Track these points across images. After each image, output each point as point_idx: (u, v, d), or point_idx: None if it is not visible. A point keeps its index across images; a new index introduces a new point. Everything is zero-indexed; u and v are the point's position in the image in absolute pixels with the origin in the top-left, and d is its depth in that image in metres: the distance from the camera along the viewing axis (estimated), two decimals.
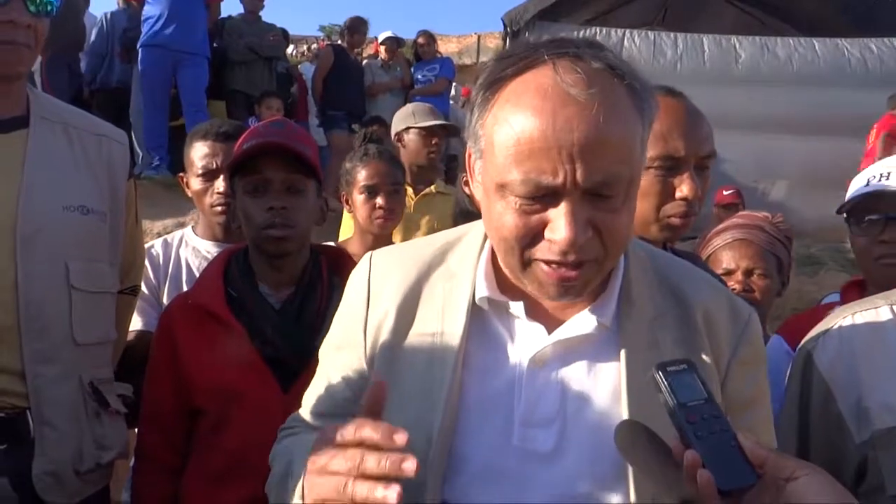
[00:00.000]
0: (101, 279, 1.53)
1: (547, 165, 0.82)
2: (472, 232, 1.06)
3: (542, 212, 0.85)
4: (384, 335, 1.01)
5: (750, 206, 4.87)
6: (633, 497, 0.88)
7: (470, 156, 0.95)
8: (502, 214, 0.87)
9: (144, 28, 5.58)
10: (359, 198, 2.32)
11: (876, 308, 1.20)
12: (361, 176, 2.32)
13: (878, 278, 1.61)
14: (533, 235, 0.86)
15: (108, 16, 6.19)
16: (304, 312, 1.57)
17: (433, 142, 3.17)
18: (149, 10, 5.58)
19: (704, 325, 0.98)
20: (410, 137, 3.19)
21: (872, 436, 1.09)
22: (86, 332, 1.48)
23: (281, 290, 1.61)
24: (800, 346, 1.28)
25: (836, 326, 1.21)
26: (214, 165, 2.01)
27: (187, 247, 2.08)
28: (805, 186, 5.97)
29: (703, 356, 0.96)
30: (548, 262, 0.86)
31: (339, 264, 1.67)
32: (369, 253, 1.11)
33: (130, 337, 1.84)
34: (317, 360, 1.14)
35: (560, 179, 0.82)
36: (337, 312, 1.11)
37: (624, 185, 0.85)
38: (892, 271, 1.57)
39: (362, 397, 0.89)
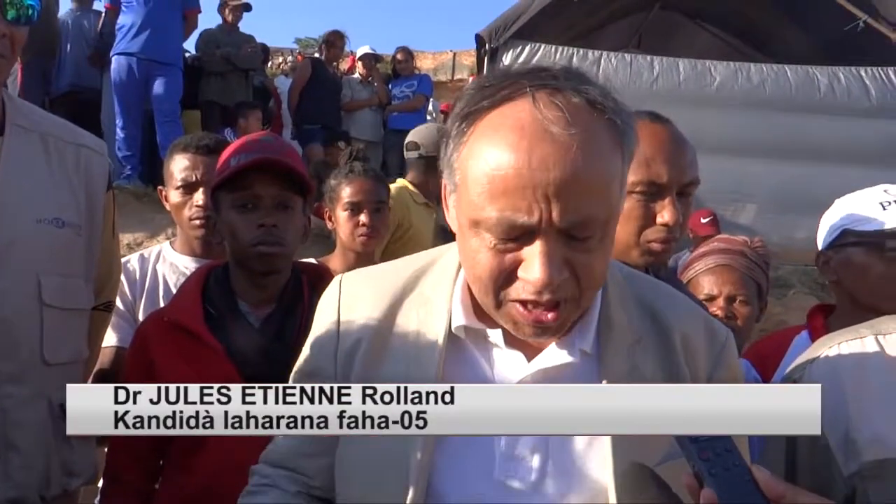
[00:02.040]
0: (75, 295, 1.48)
1: (522, 204, 0.79)
2: (445, 256, 1.03)
3: (517, 251, 0.83)
4: (357, 365, 0.98)
5: (721, 229, 4.94)
6: None
7: (445, 186, 0.93)
8: (476, 252, 0.85)
9: (118, 36, 5.53)
10: (342, 215, 2.30)
11: (861, 338, 1.20)
12: (346, 193, 2.31)
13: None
14: (507, 275, 0.84)
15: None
16: (285, 331, 1.54)
17: None
18: (123, 20, 5.53)
19: (683, 348, 0.97)
20: None
21: (861, 468, 1.08)
22: (56, 351, 1.42)
23: (261, 308, 1.57)
24: (784, 374, 1.28)
25: (822, 357, 1.20)
26: (194, 178, 1.97)
27: (165, 262, 2.03)
28: (773, 210, 6.08)
29: (685, 381, 0.95)
30: (523, 303, 0.84)
31: (321, 282, 1.64)
32: (338, 277, 1.08)
33: (106, 355, 1.79)
34: None
35: (535, 218, 0.79)
36: (307, 340, 1.08)
37: (600, 226, 0.83)
38: None
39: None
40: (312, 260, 2.14)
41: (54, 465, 1.43)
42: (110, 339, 1.83)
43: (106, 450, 1.66)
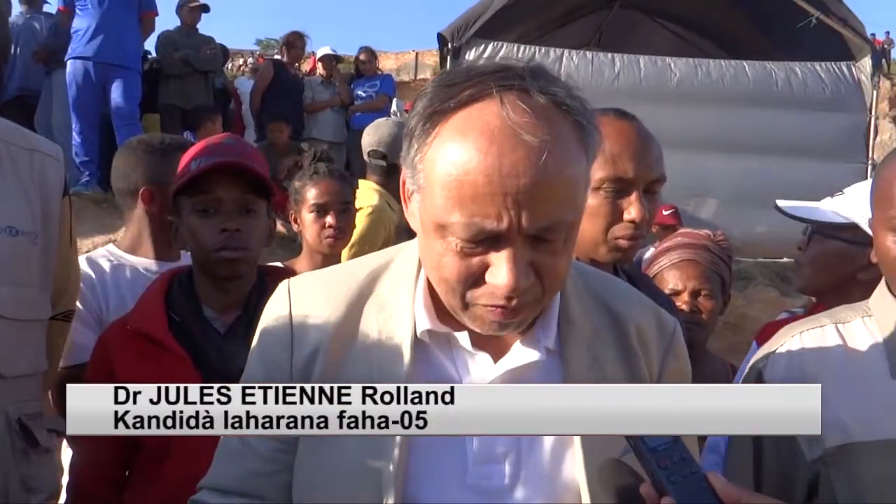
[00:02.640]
0: (31, 306, 1.43)
1: (491, 210, 0.78)
2: (400, 257, 1.01)
3: (484, 254, 0.82)
4: (315, 375, 0.94)
5: (683, 224, 5.02)
6: None
7: (405, 183, 0.91)
8: (442, 255, 0.84)
9: (74, 40, 5.41)
10: (308, 217, 2.27)
11: (822, 327, 1.23)
12: (311, 194, 2.27)
13: None
14: (474, 278, 0.84)
15: None
16: (251, 336, 1.51)
17: None
18: (78, 23, 5.41)
19: (638, 340, 0.99)
20: None
21: (824, 454, 1.11)
22: (13, 364, 1.38)
23: (226, 314, 1.55)
24: (749, 364, 1.31)
25: (784, 346, 1.23)
26: None
27: (120, 265, 1.95)
28: (733, 204, 6.18)
29: (642, 373, 0.97)
30: (488, 305, 0.84)
31: None
32: (285, 282, 1.03)
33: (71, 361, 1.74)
34: None
35: (504, 225, 0.79)
36: (252, 351, 1.03)
37: (566, 229, 0.83)
38: None
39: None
40: (279, 264, 2.12)
41: (13, 482, 1.38)
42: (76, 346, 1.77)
43: (67, 464, 1.62)
